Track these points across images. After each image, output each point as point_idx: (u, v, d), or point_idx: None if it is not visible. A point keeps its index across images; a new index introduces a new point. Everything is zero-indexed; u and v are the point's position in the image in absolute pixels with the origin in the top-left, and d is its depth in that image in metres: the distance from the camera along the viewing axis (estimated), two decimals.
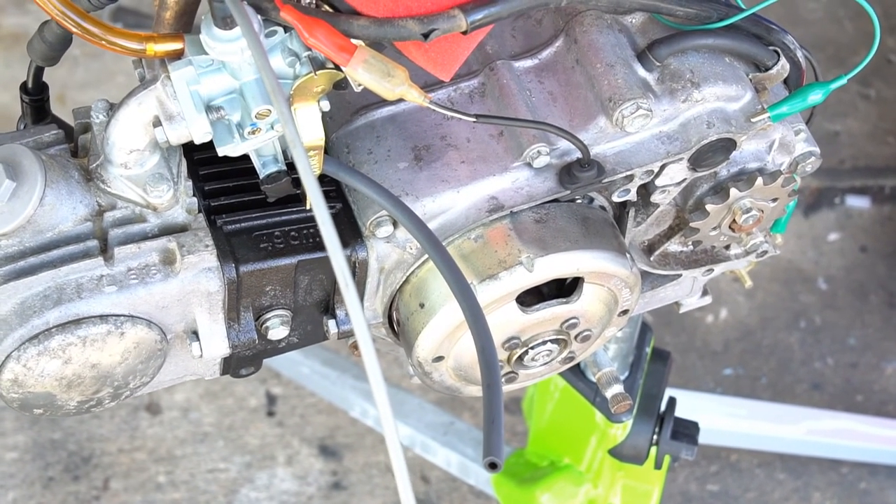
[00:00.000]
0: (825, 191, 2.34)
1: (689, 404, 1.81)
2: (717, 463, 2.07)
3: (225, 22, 0.92)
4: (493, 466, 0.86)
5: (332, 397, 1.91)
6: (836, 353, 2.18)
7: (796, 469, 2.06)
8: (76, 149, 1.04)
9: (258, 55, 0.84)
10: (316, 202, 0.79)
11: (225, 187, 1.04)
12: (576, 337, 1.10)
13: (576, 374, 1.48)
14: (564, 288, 1.09)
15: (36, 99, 1.10)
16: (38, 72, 1.09)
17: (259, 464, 2.07)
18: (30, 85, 1.10)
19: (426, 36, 0.93)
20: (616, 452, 1.51)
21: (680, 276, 1.20)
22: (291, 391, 2.13)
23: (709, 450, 2.05)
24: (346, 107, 1.07)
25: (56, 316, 0.97)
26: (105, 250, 0.99)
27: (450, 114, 0.98)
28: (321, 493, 2.06)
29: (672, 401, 1.52)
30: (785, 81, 1.11)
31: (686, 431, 1.50)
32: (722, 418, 1.88)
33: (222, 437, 2.10)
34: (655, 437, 1.50)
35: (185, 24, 1.17)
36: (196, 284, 1.00)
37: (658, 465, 1.51)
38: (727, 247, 1.18)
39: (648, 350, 1.51)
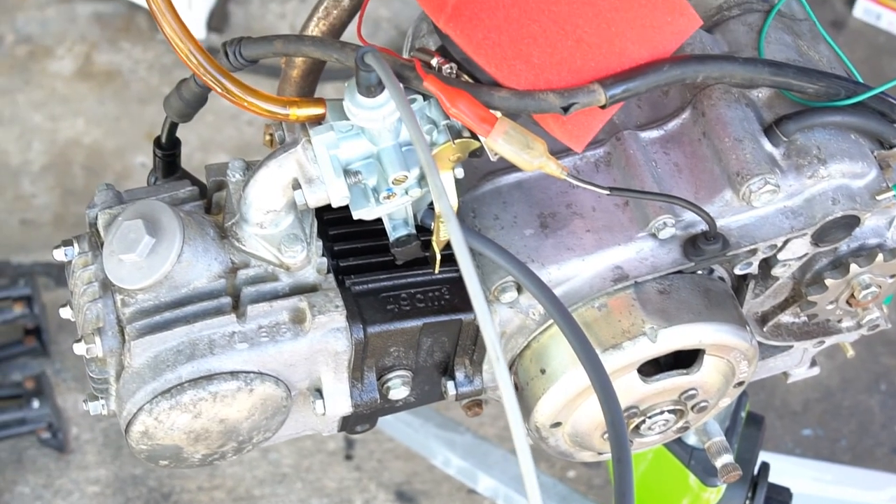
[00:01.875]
0: None
1: (773, 467, 1.80)
2: None
3: (369, 90, 0.94)
4: None
5: (415, 444, 1.92)
6: None
7: None
8: (209, 205, 1.06)
9: (412, 127, 0.85)
10: (468, 274, 0.81)
11: (353, 248, 1.06)
12: (692, 407, 1.10)
13: None
14: (681, 357, 1.09)
15: (168, 154, 1.12)
16: (173, 127, 1.11)
17: None
18: (163, 140, 1.12)
19: (566, 109, 0.95)
20: None
21: (791, 347, 1.20)
22: (369, 435, 2.14)
23: None
24: (472, 171, 1.08)
25: (189, 371, 0.99)
26: (237, 307, 1.00)
27: (585, 186, 0.99)
28: None
29: (765, 466, 1.51)
30: None
31: (779, 497, 1.50)
32: (806, 482, 1.86)
33: (300, 479, 2.11)
34: (748, 502, 1.49)
35: (311, 83, 1.19)
36: (324, 344, 1.01)
37: None
38: (840, 320, 1.18)
39: (743, 414, 1.51)
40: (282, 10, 2.62)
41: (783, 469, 1.88)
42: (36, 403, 2.05)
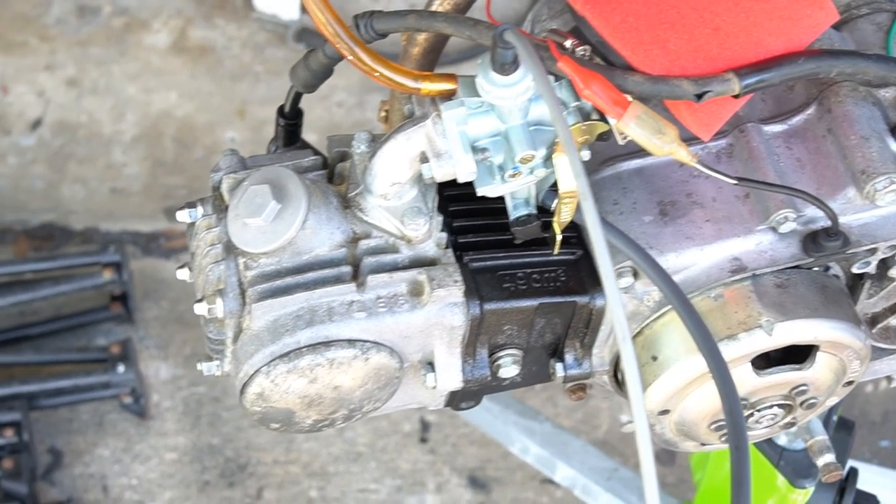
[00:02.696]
0: None
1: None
2: None
3: (503, 68, 0.94)
4: None
5: (493, 431, 1.92)
6: None
7: None
8: (331, 175, 1.07)
9: (552, 105, 0.86)
10: (601, 254, 0.81)
11: (473, 225, 1.06)
12: (801, 403, 1.10)
13: None
14: (791, 353, 1.09)
15: (291, 123, 1.13)
16: (297, 97, 1.12)
17: (409, 488, 2.10)
18: (287, 109, 1.13)
19: (699, 97, 0.95)
20: None
21: None
22: (445, 419, 2.15)
23: None
24: (592, 156, 1.08)
25: (307, 336, 1.00)
26: (356, 277, 1.02)
27: (713, 174, 0.99)
28: None
29: (853, 471, 1.50)
30: None
31: None
32: (888, 493, 1.84)
33: (375, 459, 2.12)
34: None
35: (432, 61, 1.20)
36: (440, 318, 1.02)
37: None
38: None
39: (835, 418, 1.50)
40: None
41: (865, 477, 1.86)
42: (121, 368, 2.08)
